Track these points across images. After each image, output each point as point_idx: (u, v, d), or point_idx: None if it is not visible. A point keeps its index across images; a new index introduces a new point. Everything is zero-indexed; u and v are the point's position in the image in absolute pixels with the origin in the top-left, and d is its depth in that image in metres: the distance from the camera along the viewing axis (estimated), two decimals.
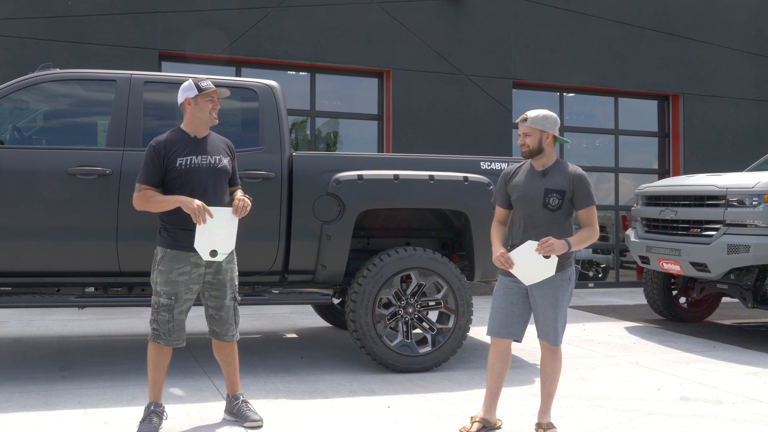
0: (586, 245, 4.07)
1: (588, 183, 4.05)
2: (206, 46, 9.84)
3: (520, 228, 4.09)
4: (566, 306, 4.07)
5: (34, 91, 5.25)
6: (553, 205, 4.00)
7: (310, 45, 10.30)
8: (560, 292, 4.03)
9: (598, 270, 12.59)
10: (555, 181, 4.04)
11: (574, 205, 4.05)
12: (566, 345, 6.70)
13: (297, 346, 6.59)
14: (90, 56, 9.22)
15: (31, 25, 9.14)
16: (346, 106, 10.99)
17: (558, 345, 4.08)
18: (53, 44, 9.17)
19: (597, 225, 4.06)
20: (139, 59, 9.43)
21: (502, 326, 4.14)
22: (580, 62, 11.59)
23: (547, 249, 3.88)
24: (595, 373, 5.72)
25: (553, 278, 4.00)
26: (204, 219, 3.91)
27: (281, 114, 5.57)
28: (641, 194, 8.05)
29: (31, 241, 5.02)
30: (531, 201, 4.04)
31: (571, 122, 11.98)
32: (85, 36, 9.35)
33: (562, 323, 4.07)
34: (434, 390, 5.09)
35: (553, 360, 4.13)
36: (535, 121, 4.07)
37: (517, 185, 4.13)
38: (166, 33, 9.66)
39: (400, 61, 10.68)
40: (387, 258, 5.53)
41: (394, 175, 5.54)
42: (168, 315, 4.04)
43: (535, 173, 4.11)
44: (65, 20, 9.28)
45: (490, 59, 11.10)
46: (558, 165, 4.11)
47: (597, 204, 4.09)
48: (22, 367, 5.53)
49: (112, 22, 9.45)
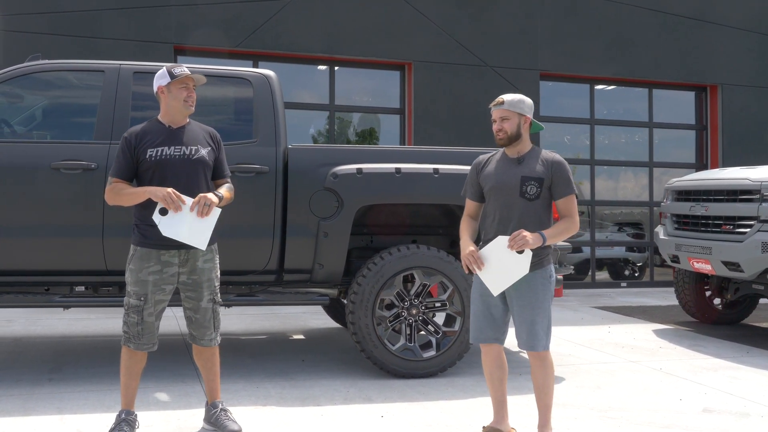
0: (563, 239, 3.73)
1: (567, 170, 3.72)
2: (222, 40, 9.63)
3: (494, 221, 3.75)
4: (548, 307, 3.72)
5: (19, 83, 5.05)
6: (530, 193, 3.67)
7: (329, 37, 10.02)
8: (539, 292, 3.69)
9: (634, 269, 12.08)
10: (532, 168, 3.71)
11: (553, 194, 3.73)
12: (586, 349, 6.32)
13: (301, 348, 6.31)
14: (104, 51, 9.07)
15: (45, 20, 9.03)
16: (367, 100, 10.68)
17: (541, 350, 3.71)
18: (67, 39, 9.05)
19: (577, 216, 3.72)
20: (154, 54, 9.25)
21: (480, 331, 3.81)
22: (612, 52, 11.11)
23: (519, 243, 3.54)
24: (612, 380, 5.33)
25: (530, 278, 3.66)
26: (178, 205, 3.64)
27: (277, 105, 5.29)
28: (670, 189, 7.59)
29: (15, 239, 4.82)
30: (506, 190, 3.71)
31: (603, 115, 11.51)
32: (100, 31, 9.21)
33: (545, 326, 3.71)
34: (435, 398, 4.76)
35: (543, 368, 3.75)
36: (512, 104, 3.75)
37: (489, 175, 3.80)
38: (182, 27, 9.47)
39: (421, 53, 10.33)
40: (388, 257, 5.21)
41: (396, 169, 5.22)
42: (137, 317, 3.79)
43: (509, 161, 3.78)
44: (79, 15, 9.15)
45: (516, 50, 10.70)
46: (534, 152, 3.79)
47: (627, 200, 3.74)
48: (12, 369, 5.35)
49: (126, 17, 9.30)
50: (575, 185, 3.75)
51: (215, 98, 5.38)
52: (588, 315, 8.41)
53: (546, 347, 3.72)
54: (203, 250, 3.86)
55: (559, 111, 11.24)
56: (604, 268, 11.93)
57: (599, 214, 11.65)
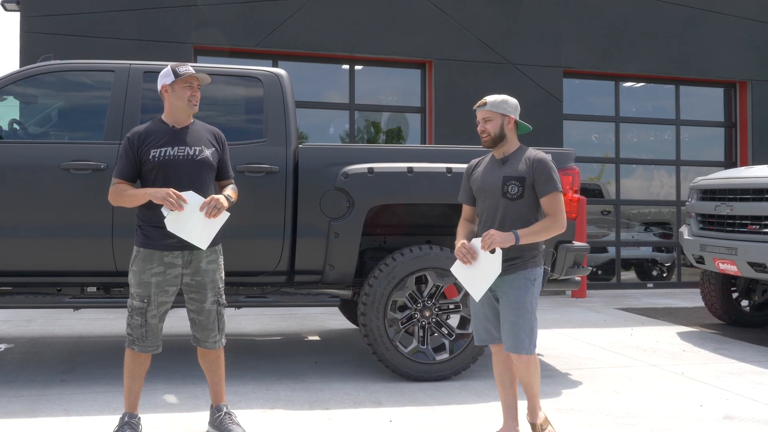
0: (543, 238, 3.63)
1: (549, 167, 3.64)
2: (242, 39, 9.61)
3: (482, 223, 3.73)
4: (531, 310, 3.63)
5: (30, 83, 5.05)
6: (512, 193, 3.62)
7: (348, 36, 9.95)
8: (521, 293, 3.61)
9: (662, 269, 11.84)
10: (514, 167, 3.67)
11: (536, 192, 3.65)
12: (606, 352, 6.17)
13: (315, 349, 6.25)
14: (125, 52, 9.07)
15: (65, 22, 9.08)
16: (387, 99, 10.59)
17: (522, 353, 3.60)
18: (87, 40, 9.08)
19: (562, 215, 3.64)
20: (174, 54, 9.25)
21: (486, 332, 3.78)
22: (637, 48, 10.88)
23: (488, 242, 3.51)
24: (631, 384, 5.18)
25: (512, 278, 3.61)
26: (179, 205, 3.59)
27: (287, 104, 5.23)
28: (695, 188, 7.40)
29: (26, 239, 4.81)
30: (490, 191, 3.68)
31: (628, 112, 11.29)
32: (120, 32, 9.23)
33: (527, 329, 3.60)
34: (446, 402, 4.66)
35: (527, 371, 3.66)
36: (495, 104, 3.72)
37: (477, 177, 3.79)
38: (201, 27, 9.47)
39: (442, 51, 10.22)
40: (400, 257, 5.12)
41: (408, 168, 5.13)
42: (140, 319, 3.74)
43: (495, 162, 3.76)
44: (99, 16, 9.18)
45: (539, 47, 10.53)
46: (519, 152, 3.75)
47: (653, 200, 3.62)
48: (26, 369, 5.36)
49: (146, 17, 9.31)
50: (557, 182, 3.66)
51: (226, 97, 5.33)
52: (611, 317, 8.23)
53: (529, 351, 3.63)
54: (207, 252, 3.81)
55: (584, 109, 11.05)
56: (632, 269, 11.71)
57: (627, 213, 11.43)
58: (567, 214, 5.42)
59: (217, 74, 5.25)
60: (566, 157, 5.49)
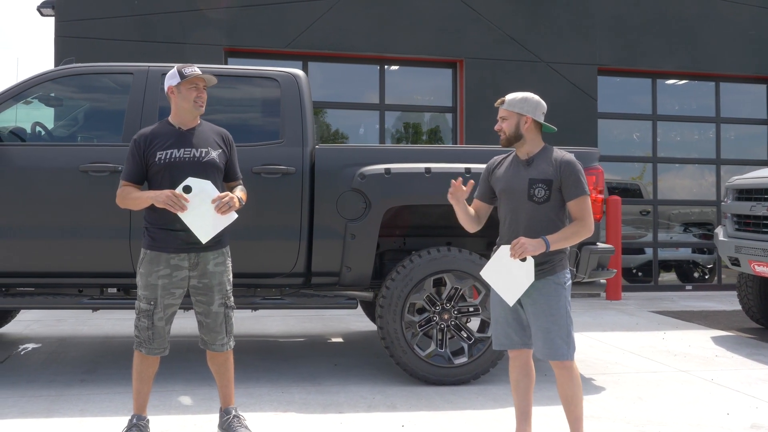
0: (572, 243, 3.49)
1: (577, 170, 3.50)
2: (272, 41, 9.63)
3: (506, 225, 3.60)
4: (565, 314, 3.49)
5: (50, 87, 5.10)
6: (539, 197, 3.48)
7: (378, 35, 9.90)
8: (553, 299, 3.47)
9: (704, 271, 11.53)
10: (540, 169, 3.52)
11: (563, 196, 3.51)
12: (635, 357, 6.01)
13: (336, 351, 6.21)
14: (156, 55, 9.16)
15: (99, 25, 9.21)
16: (418, 99, 10.51)
17: (562, 359, 3.48)
18: (121, 44, 9.20)
19: (590, 219, 3.49)
20: (205, 56, 9.31)
21: (506, 337, 3.64)
22: (675, 44, 10.61)
23: (518, 251, 3.37)
24: (657, 391, 5.02)
25: (541, 284, 3.47)
26: (182, 205, 3.58)
27: (305, 105, 5.19)
28: (731, 187, 7.16)
29: (46, 241, 4.86)
30: (515, 194, 3.54)
31: (666, 110, 11.01)
32: (152, 35, 9.34)
33: (563, 334, 3.48)
34: (463, 407, 4.57)
35: (570, 380, 3.52)
36: (512, 103, 3.59)
37: (500, 177, 3.65)
38: (231, 29, 9.52)
39: (474, 50, 10.10)
40: (417, 259, 5.05)
41: (426, 168, 5.05)
42: (147, 321, 3.74)
43: (519, 163, 3.61)
44: (132, 20, 9.30)
45: (573, 44, 10.33)
46: (544, 152, 3.59)
47: (692, 199, 3.48)
48: (49, 368, 5.42)
49: (177, 20, 9.40)
50: (586, 186, 3.51)
51: (243, 98, 5.33)
52: (644, 320, 8.03)
53: (569, 356, 3.50)
54: (214, 254, 3.79)
55: (619, 107, 10.81)
56: (672, 270, 11.43)
57: (666, 214, 11.16)
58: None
59: (234, 75, 5.25)
60: (590, 156, 5.36)
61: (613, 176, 10.84)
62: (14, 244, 4.83)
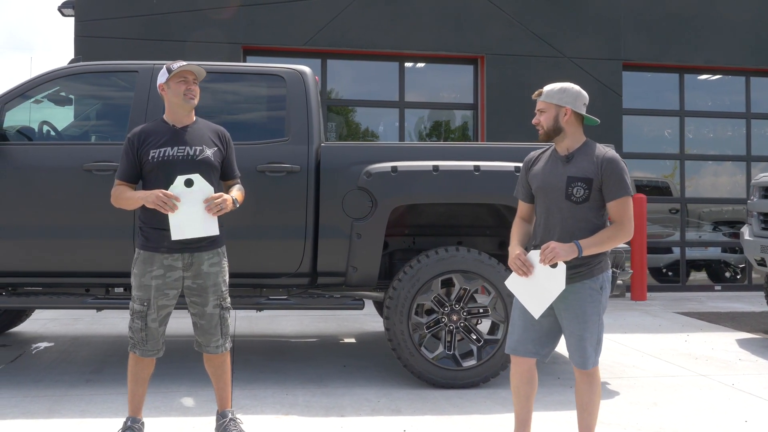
0: (606, 248, 3.28)
1: (621, 168, 3.28)
2: (290, 39, 9.58)
3: (540, 226, 3.40)
4: (598, 321, 3.32)
5: (55, 86, 5.07)
6: (577, 196, 3.27)
7: (397, 32, 9.78)
8: (588, 305, 3.29)
9: (735, 271, 11.22)
10: (580, 167, 3.30)
11: (604, 196, 3.30)
12: (654, 360, 5.82)
13: (347, 352, 6.11)
14: (175, 53, 9.13)
15: (118, 25, 9.23)
16: (438, 96, 10.37)
17: (588, 368, 3.33)
18: (139, 43, 9.21)
19: (630, 223, 3.27)
20: (224, 54, 9.29)
21: (519, 342, 3.45)
22: (703, 38, 10.33)
23: (549, 256, 3.17)
24: (673, 396, 4.84)
25: (577, 288, 3.28)
26: (173, 205, 3.50)
27: (311, 102, 5.10)
28: (757, 185, 6.92)
29: (51, 240, 4.83)
30: (552, 192, 3.33)
31: (694, 106, 10.73)
32: (170, 33, 9.34)
33: (594, 342, 3.32)
34: (469, 411, 4.45)
35: (590, 386, 3.37)
36: (550, 94, 3.37)
37: (537, 174, 3.43)
38: (250, 26, 9.48)
39: (495, 46, 9.94)
40: (425, 259, 4.93)
41: (434, 166, 4.92)
42: (141, 323, 3.68)
43: (558, 159, 3.39)
44: (150, 19, 9.31)
45: (597, 39, 10.11)
46: (585, 148, 3.37)
47: (722, 197, 3.29)
48: (57, 368, 5.41)
49: (195, 19, 9.39)
50: (630, 186, 3.32)
51: (249, 96, 5.25)
52: (667, 321, 7.81)
53: (595, 363, 3.35)
54: (208, 254, 3.71)
55: (645, 103, 10.56)
56: (702, 270, 11.15)
57: (696, 212, 10.89)
58: None
59: (239, 73, 5.18)
60: None
61: (639, 174, 10.60)
62: (18, 244, 4.81)
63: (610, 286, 3.38)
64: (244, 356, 5.86)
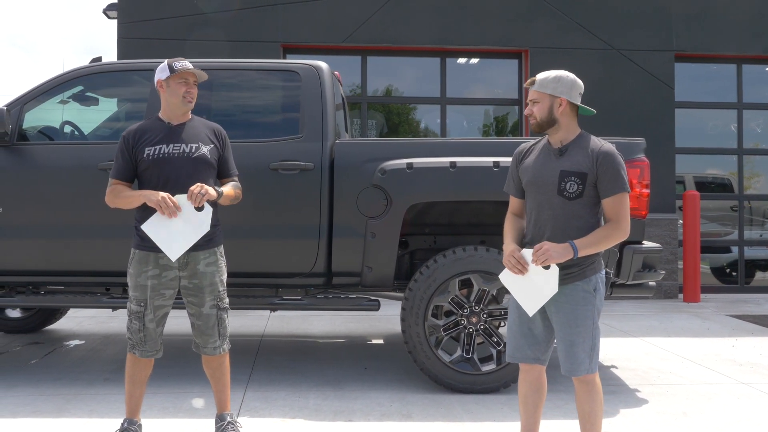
0: (603, 248, 3.06)
1: (617, 163, 3.06)
2: (329, 36, 9.49)
3: (531, 222, 3.20)
4: (592, 325, 3.10)
5: (72, 86, 5.09)
6: (570, 191, 3.07)
7: (439, 27, 9.58)
8: (580, 308, 3.08)
9: None
10: (574, 160, 3.10)
11: (599, 192, 3.09)
12: (694, 366, 5.52)
13: (372, 354, 5.98)
14: (215, 53, 9.20)
15: (161, 26, 9.32)
16: (481, 91, 10.13)
17: (580, 375, 3.12)
18: (180, 43, 9.27)
19: (626, 221, 3.06)
20: (263, 53, 9.28)
21: (517, 349, 3.26)
22: (761, 26, 9.80)
23: (541, 257, 2.98)
24: (706, 406, 4.54)
25: (569, 290, 3.07)
26: (173, 211, 3.44)
27: (326, 98, 4.98)
28: None
29: (69, 240, 4.85)
30: (544, 187, 3.13)
31: (753, 98, 10.18)
32: (210, 33, 9.36)
33: (587, 347, 3.10)
34: (483, 418, 4.26)
35: (589, 395, 3.16)
36: (543, 84, 3.17)
37: (528, 167, 3.23)
38: (288, 25, 9.44)
39: (539, 39, 9.63)
40: (441, 259, 4.76)
41: (451, 163, 4.74)
42: (139, 323, 3.63)
43: (550, 151, 3.19)
44: (191, 19, 9.36)
45: (647, 29, 9.69)
46: (580, 140, 3.16)
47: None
48: (80, 366, 5.45)
49: (235, 18, 9.40)
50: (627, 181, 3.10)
51: (264, 92, 5.16)
52: (717, 325, 7.41)
53: (590, 370, 3.13)
54: (205, 253, 3.64)
55: (700, 95, 10.09)
56: (767, 271, 10.60)
57: (761, 210, 10.35)
58: (636, 211, 4.88)
59: (255, 69, 5.10)
60: (635, 148, 4.91)
61: (692, 170, 10.14)
62: (38, 244, 4.85)
63: (604, 287, 3.16)
64: (268, 356, 5.79)
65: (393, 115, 10.17)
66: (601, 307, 3.14)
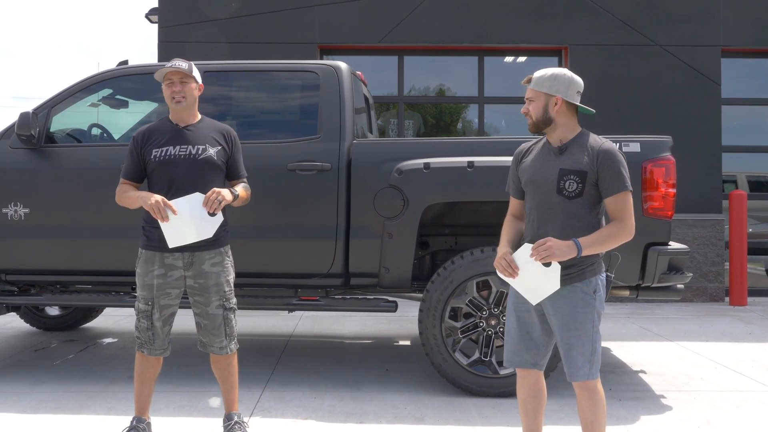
0: (609, 247, 2.96)
1: (618, 161, 2.97)
2: (366, 36, 9.49)
3: (531, 222, 3.12)
4: (591, 328, 3.01)
5: (95, 89, 5.19)
6: (570, 190, 2.99)
7: (476, 25, 9.49)
8: (579, 311, 2.99)
9: None
10: (574, 159, 3.01)
11: (600, 191, 3.00)
12: (727, 372, 5.33)
13: (397, 355, 5.94)
14: (253, 55, 9.28)
15: (199, 29, 9.45)
16: (519, 90, 9.96)
17: (579, 380, 3.02)
18: (218, 46, 9.40)
19: (631, 219, 2.97)
20: (300, 54, 9.32)
21: (515, 353, 3.19)
22: None
23: (543, 254, 2.89)
24: (734, 414, 4.37)
25: (568, 292, 2.99)
26: (165, 215, 3.47)
27: (344, 98, 4.96)
28: None
29: (93, 240, 4.95)
30: (543, 186, 3.05)
31: None
32: (247, 35, 9.47)
33: (587, 352, 3.00)
34: (497, 422, 4.18)
35: (591, 402, 3.06)
36: (539, 82, 3.08)
37: (527, 166, 3.16)
38: (325, 26, 9.47)
39: (580, 36, 9.45)
40: (459, 261, 4.69)
41: (468, 162, 4.68)
42: (147, 322, 3.67)
43: (550, 150, 3.11)
44: (228, 22, 9.47)
45: (692, 24, 9.41)
46: (580, 139, 3.07)
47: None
48: (108, 364, 5.55)
49: (272, 20, 9.47)
50: (627, 180, 2.99)
51: (282, 93, 5.18)
52: (760, 329, 7.13)
53: (590, 376, 3.04)
54: (210, 253, 3.66)
55: (749, 92, 9.74)
56: None
57: None
58: (662, 211, 4.73)
59: (273, 70, 5.12)
60: (661, 146, 4.75)
61: (740, 168, 9.80)
62: (65, 244, 4.95)
63: (605, 290, 3.05)
64: (291, 357, 5.81)
65: (430, 115, 10.11)
66: (602, 310, 3.04)
